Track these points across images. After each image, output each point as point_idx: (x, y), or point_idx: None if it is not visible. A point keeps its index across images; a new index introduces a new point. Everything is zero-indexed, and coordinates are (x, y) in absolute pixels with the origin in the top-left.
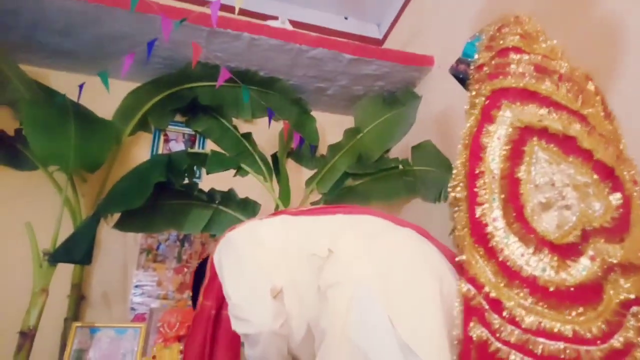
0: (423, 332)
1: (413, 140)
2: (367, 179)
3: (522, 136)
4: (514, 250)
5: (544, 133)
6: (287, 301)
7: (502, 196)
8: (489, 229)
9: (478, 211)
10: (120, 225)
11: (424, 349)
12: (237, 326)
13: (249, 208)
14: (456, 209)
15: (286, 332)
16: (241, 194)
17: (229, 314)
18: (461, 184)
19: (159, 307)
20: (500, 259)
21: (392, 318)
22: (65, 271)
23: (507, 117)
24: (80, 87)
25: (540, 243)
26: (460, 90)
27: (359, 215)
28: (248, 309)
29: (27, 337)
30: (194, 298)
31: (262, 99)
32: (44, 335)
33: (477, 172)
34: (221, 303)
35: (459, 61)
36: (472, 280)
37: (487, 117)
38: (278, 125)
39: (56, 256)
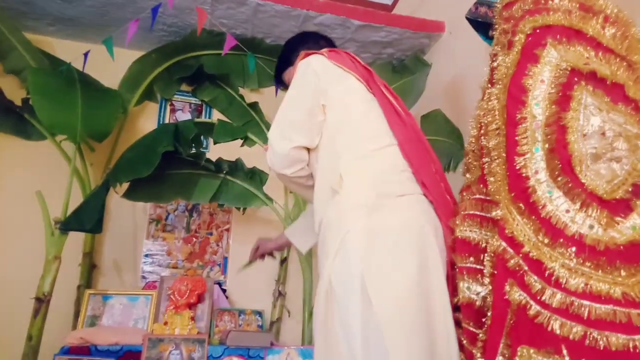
0: (388, 291)
1: (422, 110)
2: None
3: (570, 79)
4: (558, 205)
5: (591, 77)
6: (315, 153)
7: (547, 146)
8: (531, 182)
9: (518, 162)
10: (129, 195)
11: (382, 301)
12: (267, 153)
13: (256, 178)
14: (488, 159)
15: (303, 173)
16: (248, 163)
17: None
18: (497, 132)
19: (169, 276)
20: (543, 215)
21: (364, 272)
22: (76, 240)
23: (553, 58)
24: (85, 55)
25: (588, 198)
26: (472, 57)
27: (403, 158)
28: (272, 146)
29: (42, 302)
30: (278, 69)
31: (268, 67)
32: (58, 302)
33: (518, 117)
34: None
35: (478, 4)
36: (510, 240)
37: (529, 56)
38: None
39: (67, 224)
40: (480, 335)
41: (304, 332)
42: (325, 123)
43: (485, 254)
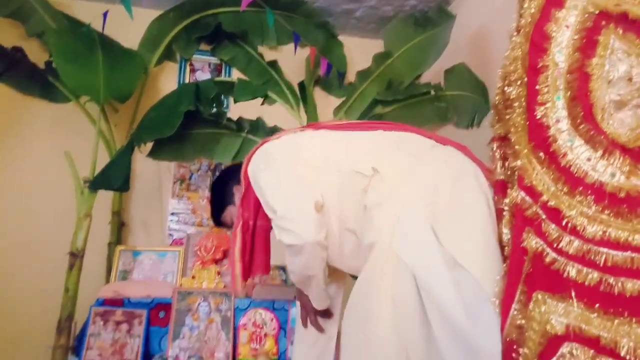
0: (469, 245)
1: (446, 64)
2: (397, 105)
3: (597, 23)
4: (579, 154)
5: (622, 19)
6: (327, 216)
7: (568, 94)
8: (551, 131)
9: (539, 112)
10: (154, 154)
11: (469, 260)
12: (282, 236)
13: None
14: (510, 110)
15: (326, 243)
16: (269, 122)
17: (273, 225)
18: (519, 82)
19: (195, 233)
20: (563, 164)
21: (437, 234)
22: (105, 199)
23: (579, 1)
24: (104, 15)
25: (611, 146)
26: (498, 6)
27: (401, 132)
28: (294, 220)
29: (76, 257)
30: (214, 212)
31: (287, 23)
32: (91, 258)
33: (539, 66)
34: (256, 214)
35: None
36: (529, 189)
37: (554, 1)
38: (304, 52)
39: (96, 183)
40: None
41: None
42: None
43: None
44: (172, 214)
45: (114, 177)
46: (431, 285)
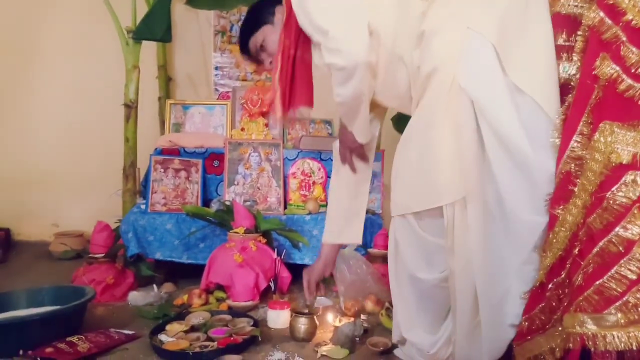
0: (533, 76)
1: None
2: None
3: None
4: None
5: None
6: (377, 41)
7: None
8: None
9: None
10: (192, 1)
11: (533, 88)
12: (333, 59)
13: None
14: None
15: (374, 66)
16: None
17: (322, 49)
18: None
19: (240, 86)
20: None
21: (503, 64)
22: (150, 53)
23: None
24: None
25: None
26: None
27: None
28: (346, 40)
29: (130, 108)
30: (243, 33)
31: None
32: (144, 111)
33: None
34: (297, 44)
35: None
36: (609, 8)
37: None
38: None
39: (138, 33)
40: (560, 114)
41: None
42: None
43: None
44: (216, 68)
45: (156, 27)
46: (490, 109)
